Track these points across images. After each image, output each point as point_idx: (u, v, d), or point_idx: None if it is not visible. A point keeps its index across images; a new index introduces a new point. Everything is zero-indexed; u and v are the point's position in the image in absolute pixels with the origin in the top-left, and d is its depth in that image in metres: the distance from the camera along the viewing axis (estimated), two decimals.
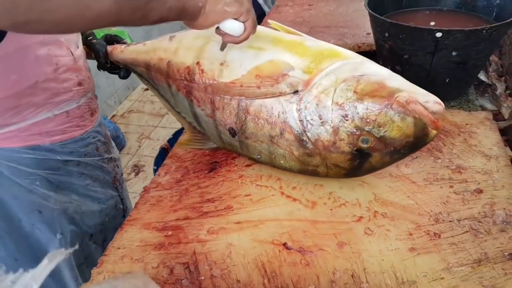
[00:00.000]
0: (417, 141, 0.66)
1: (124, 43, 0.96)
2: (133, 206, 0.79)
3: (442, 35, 0.85)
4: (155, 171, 1.31)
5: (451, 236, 0.66)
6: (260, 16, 2.20)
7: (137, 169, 2.43)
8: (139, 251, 0.69)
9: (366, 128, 0.65)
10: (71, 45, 0.85)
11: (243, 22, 0.65)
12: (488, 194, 0.72)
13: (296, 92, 0.69)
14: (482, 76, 1.09)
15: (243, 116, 0.74)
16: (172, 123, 2.87)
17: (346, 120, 0.65)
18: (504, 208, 0.69)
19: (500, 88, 1.05)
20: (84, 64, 0.90)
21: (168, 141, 1.39)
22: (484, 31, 0.84)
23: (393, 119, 0.63)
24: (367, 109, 0.64)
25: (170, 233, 0.71)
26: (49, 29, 0.52)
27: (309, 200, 0.75)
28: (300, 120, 0.68)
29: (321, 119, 0.67)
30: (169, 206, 0.76)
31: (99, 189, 0.96)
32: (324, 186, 0.78)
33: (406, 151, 0.68)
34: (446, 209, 0.71)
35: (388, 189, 0.76)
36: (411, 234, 0.67)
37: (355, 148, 0.67)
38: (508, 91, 1.04)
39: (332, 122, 0.66)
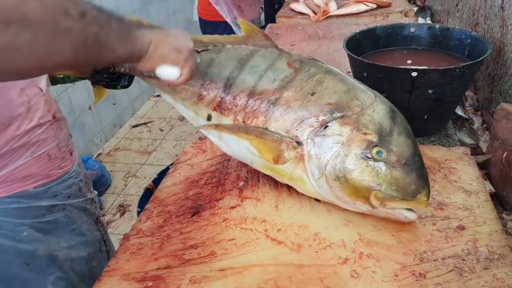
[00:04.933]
0: None
1: None
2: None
3: (417, 74, 0.88)
4: (138, 213, 1.29)
5: (437, 276, 0.65)
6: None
7: (122, 209, 2.39)
8: None
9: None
10: (40, 81, 0.85)
11: (181, 69, 0.74)
12: (470, 230, 0.73)
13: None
14: (459, 111, 1.12)
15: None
16: (160, 160, 2.86)
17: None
18: (487, 245, 0.70)
19: (477, 122, 1.08)
20: (52, 98, 0.90)
21: (153, 181, 1.38)
22: (457, 70, 0.87)
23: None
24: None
25: (150, 284, 0.69)
26: (8, 78, 0.58)
27: (294, 243, 0.74)
28: None
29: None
30: (150, 254, 0.75)
31: (86, 232, 0.94)
32: (309, 227, 0.77)
33: None
34: (430, 248, 0.70)
35: (372, 228, 0.76)
36: (396, 275, 0.66)
37: None
38: (485, 125, 1.07)
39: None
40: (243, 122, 0.83)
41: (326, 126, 0.74)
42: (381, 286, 0.65)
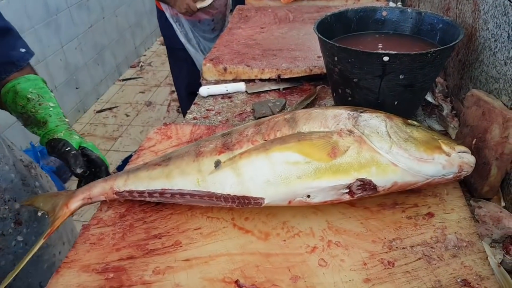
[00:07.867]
0: None
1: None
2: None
3: (389, 59, 0.86)
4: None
5: (405, 264, 0.65)
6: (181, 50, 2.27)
7: None
8: None
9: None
10: None
11: None
12: (439, 218, 0.72)
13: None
14: (429, 98, 1.11)
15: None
16: (126, 146, 2.77)
17: None
18: (455, 232, 0.69)
19: (446, 108, 1.08)
20: None
21: (117, 168, 1.33)
22: (429, 55, 0.86)
23: None
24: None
25: (111, 275, 0.65)
26: None
27: (262, 231, 0.72)
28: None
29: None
30: (111, 244, 0.71)
31: None
32: (277, 215, 0.75)
33: None
34: (399, 235, 0.70)
35: (341, 216, 0.74)
36: (365, 264, 0.65)
37: None
38: (454, 112, 1.07)
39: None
40: (264, 140, 0.74)
41: (360, 116, 0.76)
42: (349, 274, 0.64)
